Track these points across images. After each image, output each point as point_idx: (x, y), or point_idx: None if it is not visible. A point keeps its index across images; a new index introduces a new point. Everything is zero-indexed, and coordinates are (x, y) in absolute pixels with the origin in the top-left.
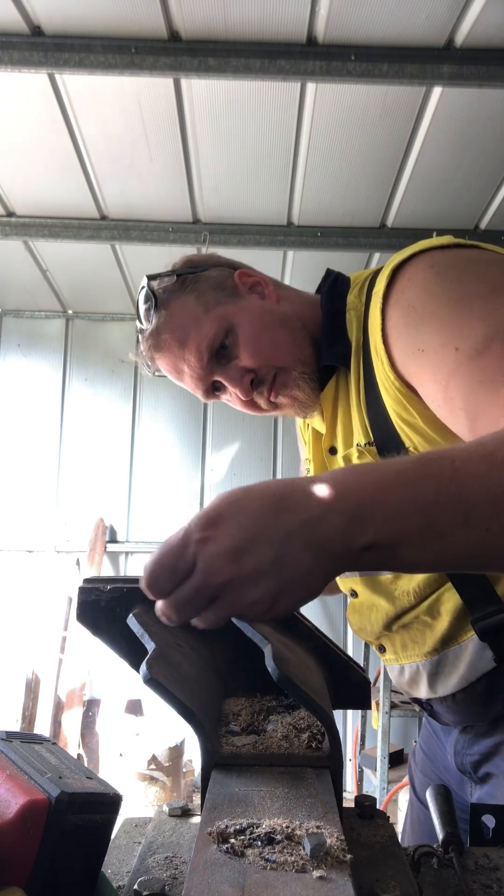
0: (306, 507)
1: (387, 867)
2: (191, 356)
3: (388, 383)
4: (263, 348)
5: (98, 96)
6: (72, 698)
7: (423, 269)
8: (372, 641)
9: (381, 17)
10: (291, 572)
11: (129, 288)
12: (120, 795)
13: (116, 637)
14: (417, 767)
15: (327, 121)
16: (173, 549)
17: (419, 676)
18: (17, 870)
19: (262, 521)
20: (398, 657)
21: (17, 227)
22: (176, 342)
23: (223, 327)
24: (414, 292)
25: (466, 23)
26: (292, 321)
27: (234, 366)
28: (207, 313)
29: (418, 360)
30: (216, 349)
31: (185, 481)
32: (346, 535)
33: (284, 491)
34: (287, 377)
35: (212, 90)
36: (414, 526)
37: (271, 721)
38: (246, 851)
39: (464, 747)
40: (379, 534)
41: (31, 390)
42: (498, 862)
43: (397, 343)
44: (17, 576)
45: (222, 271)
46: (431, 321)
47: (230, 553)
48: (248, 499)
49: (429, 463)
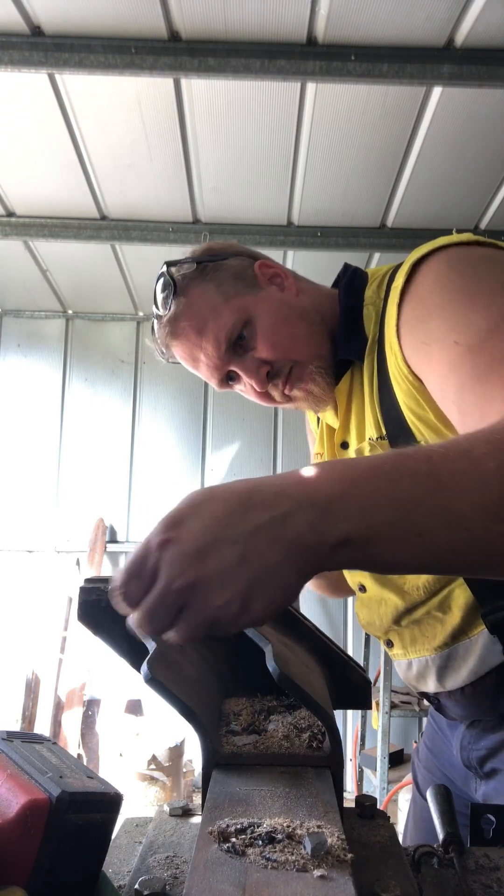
0: (274, 504)
1: (387, 867)
2: (208, 345)
3: (401, 377)
4: (281, 341)
5: (98, 96)
6: (72, 698)
7: (440, 265)
8: (380, 636)
9: (381, 17)
10: (260, 570)
11: (129, 288)
12: (120, 795)
13: (117, 637)
14: (421, 764)
15: (327, 121)
16: (137, 556)
17: (428, 671)
18: (18, 869)
19: (226, 521)
20: (406, 652)
21: (17, 227)
22: (193, 330)
23: (242, 318)
24: (427, 288)
25: (466, 23)
26: (311, 314)
27: (251, 357)
28: (227, 303)
29: (422, 354)
30: (234, 339)
31: (185, 481)
32: (317, 530)
33: (251, 489)
34: (303, 371)
35: (212, 90)
36: (387, 521)
37: (272, 721)
38: (247, 851)
39: (470, 742)
40: (352, 529)
41: (31, 390)
42: (498, 862)
43: (407, 336)
44: (17, 576)
45: (242, 261)
46: (436, 314)
47: (191, 555)
48: (212, 500)
49: (405, 458)
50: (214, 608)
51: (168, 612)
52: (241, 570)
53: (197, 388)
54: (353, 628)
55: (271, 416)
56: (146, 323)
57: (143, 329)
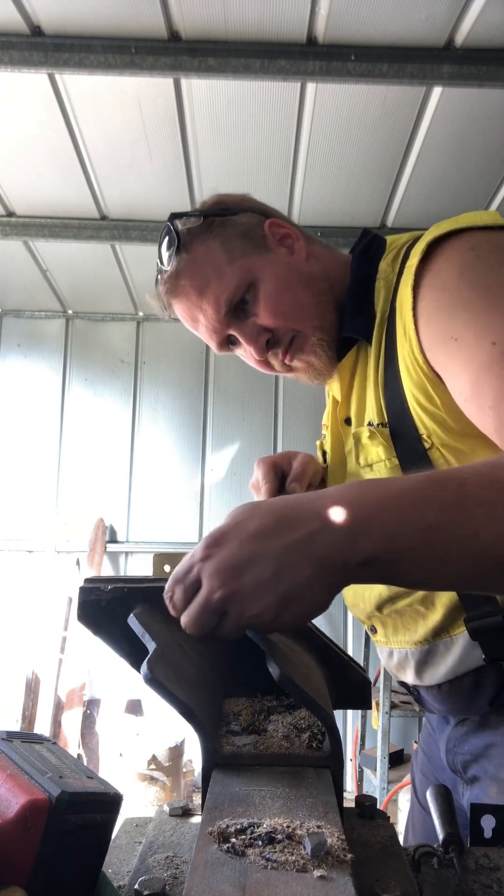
0: (306, 523)
1: (387, 867)
2: (208, 307)
3: (414, 366)
4: (284, 309)
5: (98, 96)
6: (72, 698)
7: (463, 250)
8: (364, 621)
9: (381, 17)
10: (292, 585)
11: (129, 288)
12: (120, 795)
13: (117, 637)
14: (418, 767)
15: (327, 121)
16: (183, 567)
17: (407, 663)
18: (18, 869)
19: (262, 539)
20: (388, 640)
21: (17, 227)
22: (194, 290)
23: (245, 281)
24: (450, 275)
25: (466, 23)
26: (319, 282)
27: (252, 323)
28: (231, 263)
29: (449, 349)
30: (235, 303)
31: (185, 481)
32: (344, 549)
33: (287, 508)
34: (304, 342)
35: (212, 90)
36: (412, 545)
37: (272, 721)
38: (247, 851)
39: (455, 745)
40: (376, 550)
41: (31, 390)
42: (498, 862)
43: (428, 327)
44: (17, 576)
45: (252, 217)
46: (467, 310)
47: (230, 570)
48: (251, 518)
49: (435, 484)
50: (249, 617)
51: (210, 619)
52: (275, 584)
53: (197, 388)
54: (353, 628)
55: (271, 416)
56: (146, 323)
57: (143, 329)
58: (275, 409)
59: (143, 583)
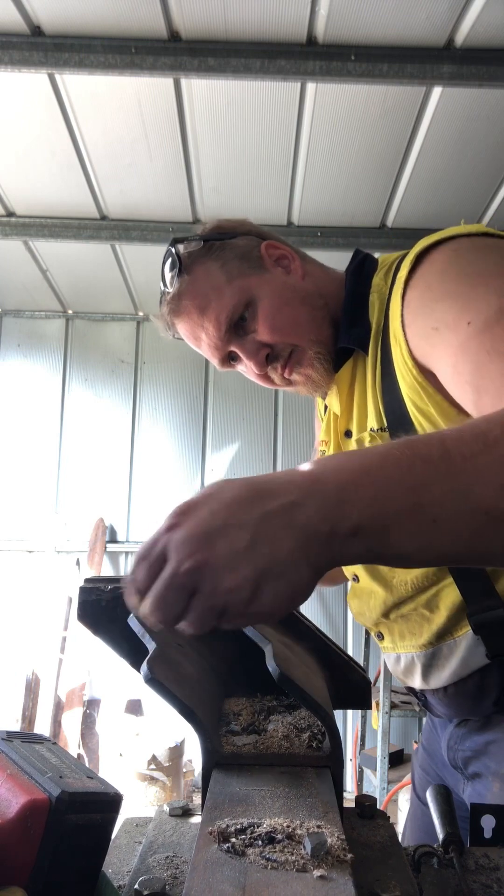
0: (286, 492)
1: (387, 867)
2: (209, 325)
3: (405, 369)
4: (281, 325)
5: (98, 96)
6: (72, 698)
7: (446, 253)
8: (371, 628)
9: (381, 17)
10: (270, 558)
11: (129, 288)
12: (120, 795)
13: (117, 637)
14: (418, 764)
15: (327, 121)
16: (147, 543)
17: (414, 667)
18: (18, 869)
19: (236, 507)
20: (395, 646)
21: (17, 227)
22: (196, 309)
23: (244, 299)
24: (432, 274)
25: (466, 23)
26: (314, 299)
27: (252, 339)
28: (230, 283)
29: (432, 340)
30: (235, 321)
31: (185, 481)
32: (329, 518)
33: (264, 480)
34: (302, 356)
35: (212, 90)
36: (402, 507)
37: (272, 721)
38: (247, 851)
39: (456, 742)
40: (363, 517)
41: (31, 390)
42: (498, 862)
43: (413, 325)
44: (17, 576)
45: (250, 240)
46: (446, 299)
47: (200, 537)
48: (222, 489)
49: (416, 444)
50: (224, 592)
51: (177, 598)
52: (250, 554)
53: (197, 388)
54: (352, 628)
55: (271, 416)
56: (146, 323)
57: (143, 329)
58: (275, 409)
59: None
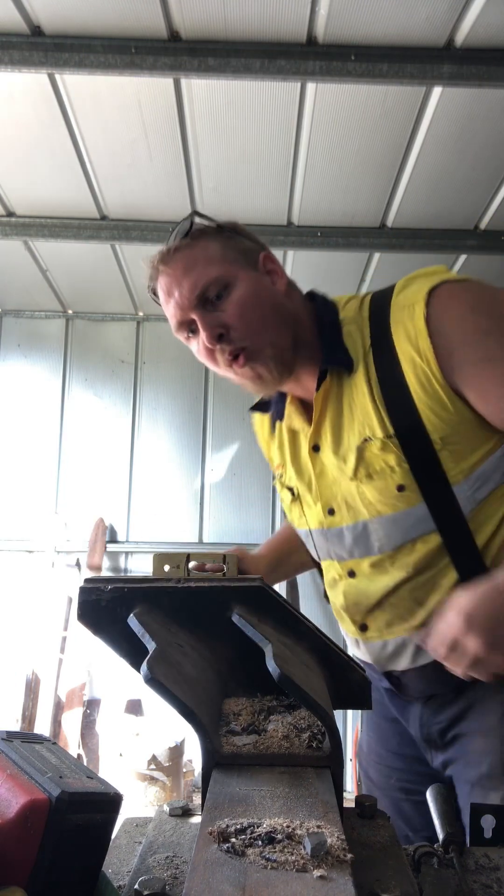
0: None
1: (387, 867)
2: (186, 284)
3: (428, 382)
4: (249, 317)
5: (98, 96)
6: (72, 698)
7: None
8: (355, 620)
9: (381, 17)
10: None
11: (129, 288)
12: (120, 795)
13: (117, 637)
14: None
15: (327, 121)
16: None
17: (404, 649)
18: (18, 869)
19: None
20: (381, 634)
21: (17, 227)
22: (182, 267)
23: (226, 279)
24: (463, 311)
25: (466, 23)
26: (286, 313)
27: (216, 315)
28: (221, 262)
29: (484, 370)
30: (209, 292)
31: (185, 481)
32: None
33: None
34: (259, 354)
35: (212, 90)
36: None
37: (272, 721)
38: (246, 851)
39: (429, 718)
40: None
41: (31, 390)
42: (498, 862)
43: (457, 352)
44: (17, 576)
45: (255, 246)
46: (491, 334)
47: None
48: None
49: None
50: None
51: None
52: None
53: (197, 388)
54: None
55: None
56: (146, 323)
57: (143, 329)
58: None
59: (143, 583)
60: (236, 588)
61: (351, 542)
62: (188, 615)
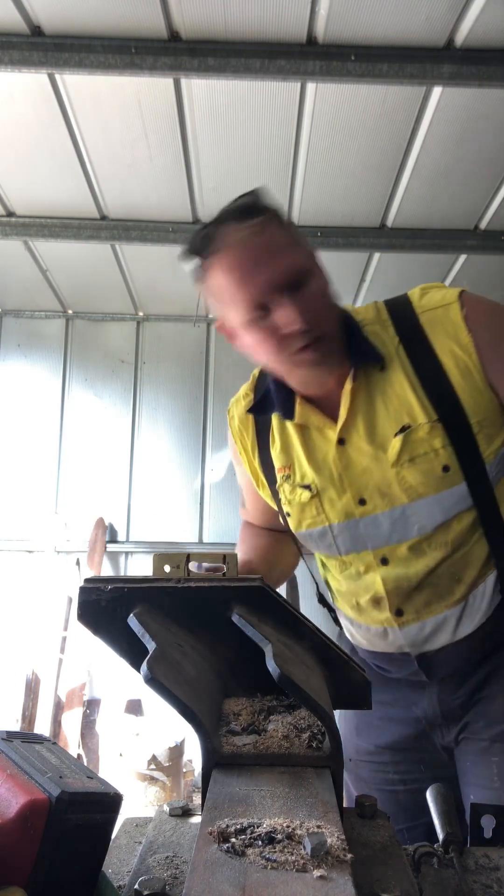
0: None
1: (387, 867)
2: (275, 265)
3: (468, 371)
4: (326, 309)
5: (98, 96)
6: (72, 698)
7: (480, 298)
8: (392, 607)
9: (381, 17)
10: None
11: (129, 288)
12: (120, 795)
13: (117, 637)
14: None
15: (327, 121)
16: None
17: (445, 625)
18: (18, 869)
19: None
20: (419, 615)
21: (17, 227)
22: (267, 246)
23: (309, 268)
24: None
25: (466, 23)
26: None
27: (302, 299)
28: (304, 251)
29: None
30: (296, 278)
31: (185, 481)
32: None
33: None
34: (329, 346)
35: (212, 90)
36: None
37: (272, 721)
38: (246, 851)
39: (448, 695)
40: None
41: (31, 390)
42: (498, 862)
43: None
44: (17, 576)
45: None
46: None
47: None
48: None
49: None
50: None
51: None
52: None
53: (197, 388)
54: None
55: None
56: (146, 323)
57: (143, 329)
58: None
59: (143, 583)
60: (236, 588)
61: (388, 528)
62: (188, 615)
